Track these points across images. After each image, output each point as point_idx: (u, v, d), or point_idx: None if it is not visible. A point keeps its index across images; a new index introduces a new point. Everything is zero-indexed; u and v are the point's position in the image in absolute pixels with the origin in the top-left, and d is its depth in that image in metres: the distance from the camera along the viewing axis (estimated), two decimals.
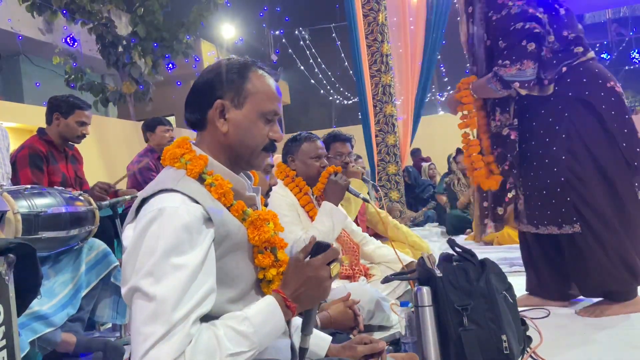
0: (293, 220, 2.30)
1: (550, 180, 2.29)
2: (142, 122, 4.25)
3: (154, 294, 0.96)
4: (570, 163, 2.25)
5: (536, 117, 2.35)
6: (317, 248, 1.13)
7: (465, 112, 2.54)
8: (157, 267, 0.98)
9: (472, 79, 2.50)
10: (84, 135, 2.90)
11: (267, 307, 1.08)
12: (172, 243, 1.00)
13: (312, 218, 2.39)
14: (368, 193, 3.51)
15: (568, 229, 2.27)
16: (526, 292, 2.57)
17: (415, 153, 9.20)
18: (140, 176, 3.84)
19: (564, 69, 2.28)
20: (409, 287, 2.46)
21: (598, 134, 2.25)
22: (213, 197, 1.12)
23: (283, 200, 2.35)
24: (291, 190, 2.44)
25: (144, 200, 1.09)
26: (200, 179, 1.14)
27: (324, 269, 1.11)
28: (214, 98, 1.17)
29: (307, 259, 1.13)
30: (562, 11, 2.33)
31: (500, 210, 2.49)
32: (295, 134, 2.61)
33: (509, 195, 2.46)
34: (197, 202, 1.07)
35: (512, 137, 2.41)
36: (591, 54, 2.34)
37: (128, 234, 1.08)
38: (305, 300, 1.11)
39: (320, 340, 1.38)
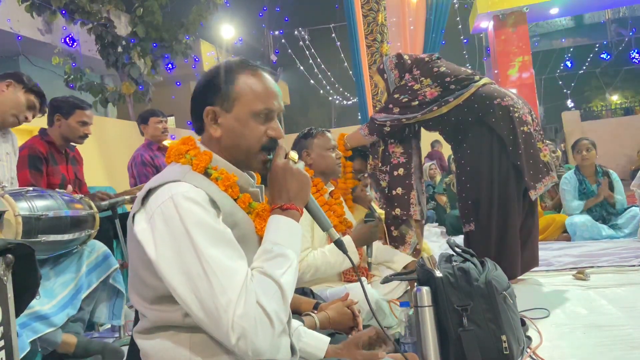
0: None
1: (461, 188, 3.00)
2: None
3: (212, 271, 0.99)
4: (474, 174, 2.90)
5: (459, 140, 3.01)
6: (272, 144, 1.20)
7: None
8: (200, 249, 1.01)
9: (345, 134, 3.08)
10: (86, 135, 2.89)
11: (276, 224, 1.12)
12: (199, 222, 1.03)
13: None
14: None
15: (468, 227, 2.96)
16: None
17: (433, 145, 9.51)
18: (135, 169, 3.85)
19: (454, 102, 2.86)
20: (409, 287, 2.45)
21: (492, 143, 2.84)
22: (220, 189, 1.14)
23: None
24: None
25: (151, 191, 1.10)
26: (206, 174, 1.16)
27: (285, 162, 1.18)
28: (204, 105, 1.19)
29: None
30: (442, 69, 2.91)
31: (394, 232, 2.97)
32: (303, 130, 2.61)
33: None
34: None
35: (381, 180, 3.03)
36: (481, 81, 2.90)
37: (141, 226, 1.08)
38: (295, 194, 1.16)
39: (318, 342, 1.38)
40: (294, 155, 1.20)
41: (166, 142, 3.97)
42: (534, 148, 2.80)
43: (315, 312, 1.83)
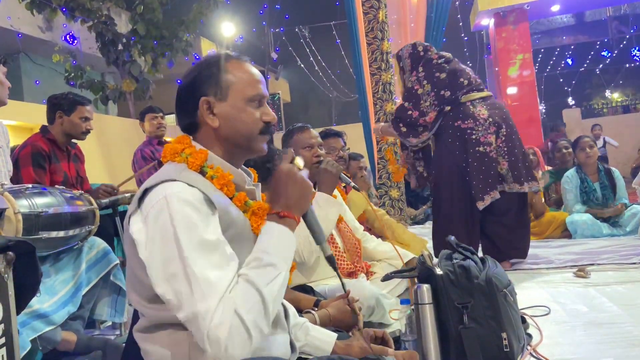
0: None
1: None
2: None
3: (194, 277, 0.99)
4: (437, 179, 3.36)
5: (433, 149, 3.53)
6: (272, 154, 1.23)
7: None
8: (183, 254, 1.01)
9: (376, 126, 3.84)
10: (88, 131, 2.89)
11: (270, 231, 1.12)
12: (189, 225, 1.03)
13: None
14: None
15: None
16: None
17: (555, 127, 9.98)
18: (137, 165, 3.90)
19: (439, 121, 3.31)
20: (409, 285, 2.45)
21: (448, 157, 3.25)
22: (215, 187, 1.14)
23: None
24: None
25: (147, 191, 1.10)
26: (202, 172, 1.16)
27: (289, 167, 1.17)
28: (198, 97, 1.19)
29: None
30: (442, 76, 3.30)
31: None
32: (289, 127, 2.53)
33: None
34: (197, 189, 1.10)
35: (418, 166, 3.68)
36: (470, 96, 3.26)
37: (137, 227, 1.08)
38: (294, 202, 1.15)
39: (326, 336, 1.41)
40: (299, 162, 1.19)
41: (168, 138, 4.00)
42: (486, 165, 3.17)
43: (316, 309, 1.83)
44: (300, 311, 1.80)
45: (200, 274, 1.00)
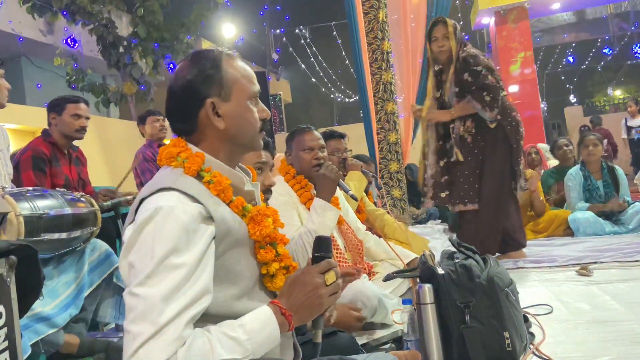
0: (287, 221, 2.21)
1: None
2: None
3: (145, 294, 0.96)
4: (494, 169, 3.42)
5: (479, 133, 3.47)
6: (319, 244, 1.15)
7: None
8: (151, 269, 0.97)
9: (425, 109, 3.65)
10: (82, 129, 2.87)
11: (262, 315, 1.06)
12: (169, 245, 0.99)
13: None
14: (368, 186, 3.54)
15: (470, 206, 3.45)
16: None
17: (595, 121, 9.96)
18: (139, 167, 3.90)
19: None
20: (411, 285, 2.45)
21: (503, 144, 3.39)
22: (212, 194, 1.11)
23: (278, 198, 2.23)
24: (292, 187, 2.36)
25: (143, 200, 1.08)
26: (199, 177, 1.12)
27: (318, 276, 1.10)
28: (201, 99, 1.14)
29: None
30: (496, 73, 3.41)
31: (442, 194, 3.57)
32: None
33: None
34: (195, 201, 1.06)
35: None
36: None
37: (129, 233, 1.07)
38: (301, 309, 1.08)
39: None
40: (331, 277, 1.12)
41: (167, 141, 4.00)
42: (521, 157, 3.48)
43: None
44: None
45: (151, 295, 0.95)
